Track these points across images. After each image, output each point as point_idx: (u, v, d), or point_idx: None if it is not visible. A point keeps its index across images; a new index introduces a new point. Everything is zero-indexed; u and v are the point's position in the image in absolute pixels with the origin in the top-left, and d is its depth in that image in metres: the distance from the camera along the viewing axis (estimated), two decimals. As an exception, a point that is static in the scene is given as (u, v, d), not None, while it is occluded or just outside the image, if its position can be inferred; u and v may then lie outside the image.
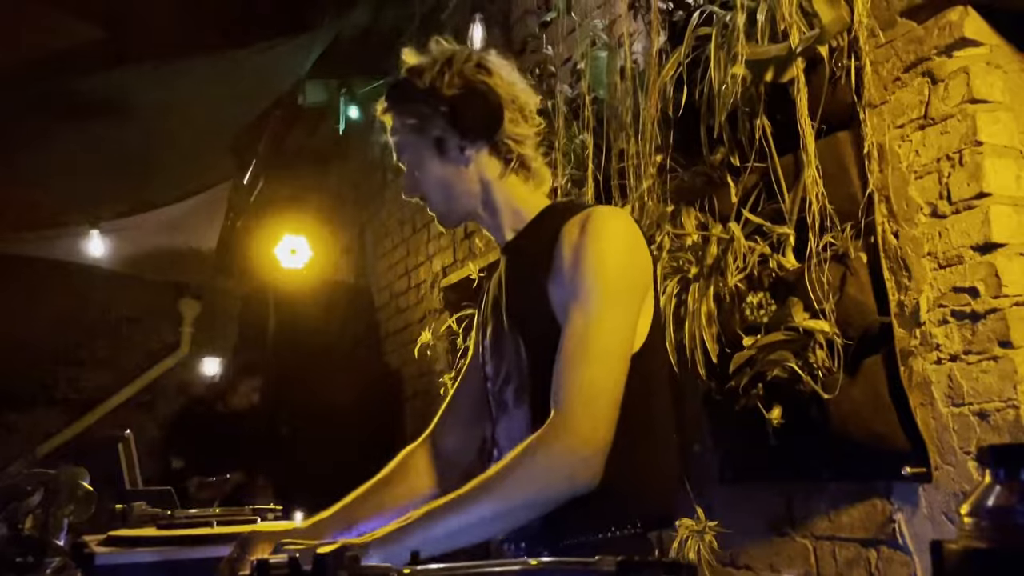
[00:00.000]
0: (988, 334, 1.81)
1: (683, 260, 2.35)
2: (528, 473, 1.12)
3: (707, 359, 2.27)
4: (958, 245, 1.87)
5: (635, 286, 1.24)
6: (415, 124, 1.34)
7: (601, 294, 1.19)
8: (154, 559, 1.43)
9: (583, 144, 2.76)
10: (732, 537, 2.34)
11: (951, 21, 1.90)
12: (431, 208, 1.39)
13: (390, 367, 5.07)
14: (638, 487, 1.25)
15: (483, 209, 1.38)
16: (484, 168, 1.36)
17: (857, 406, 2.00)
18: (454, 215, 1.39)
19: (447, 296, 4.33)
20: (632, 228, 1.29)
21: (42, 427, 6.19)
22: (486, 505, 1.11)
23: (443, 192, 1.36)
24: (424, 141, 1.34)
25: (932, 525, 1.91)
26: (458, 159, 1.34)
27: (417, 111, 1.34)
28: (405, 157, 1.38)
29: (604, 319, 1.18)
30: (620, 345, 1.19)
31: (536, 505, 1.13)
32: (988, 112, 1.86)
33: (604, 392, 1.14)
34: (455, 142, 1.33)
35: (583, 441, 1.11)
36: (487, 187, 1.36)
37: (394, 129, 1.38)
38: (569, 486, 1.12)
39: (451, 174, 1.35)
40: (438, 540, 1.10)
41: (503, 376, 1.34)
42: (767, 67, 2.10)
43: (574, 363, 1.15)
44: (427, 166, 1.35)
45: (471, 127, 1.32)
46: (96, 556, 1.38)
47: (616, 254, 1.24)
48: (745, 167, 2.24)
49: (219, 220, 5.70)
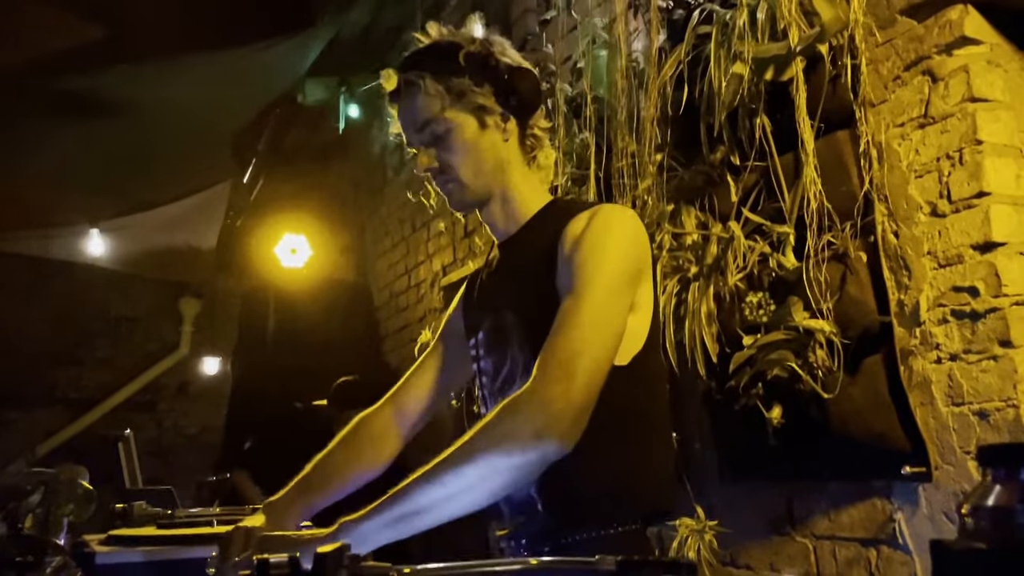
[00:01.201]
0: (988, 333, 1.81)
1: (683, 259, 2.35)
2: (497, 436, 1.08)
3: (707, 358, 2.27)
4: (958, 244, 1.87)
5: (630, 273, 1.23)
6: (460, 89, 1.28)
7: (595, 281, 1.18)
8: (154, 558, 1.42)
9: (584, 143, 2.76)
10: (732, 536, 2.34)
11: (951, 19, 1.90)
12: (451, 182, 1.32)
13: (390, 366, 5.07)
14: (636, 484, 1.25)
15: (499, 195, 1.35)
16: (513, 151, 1.34)
17: (857, 405, 2.00)
18: (477, 191, 1.33)
19: (447, 295, 4.33)
20: (636, 224, 1.28)
21: (42, 426, 6.19)
22: (458, 474, 1.07)
23: (474, 164, 1.31)
24: (463, 108, 1.29)
25: (932, 525, 1.91)
26: (497, 133, 1.31)
27: (463, 75, 1.28)
28: (432, 128, 1.30)
29: (594, 295, 1.16)
30: (608, 320, 1.16)
31: (508, 469, 1.08)
32: (988, 111, 1.86)
33: (582, 355, 1.11)
34: (497, 113, 1.31)
35: (554, 399, 1.07)
36: (509, 171, 1.34)
37: (423, 94, 1.29)
38: (536, 445, 1.06)
39: (487, 148, 1.31)
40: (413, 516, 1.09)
41: (504, 375, 1.32)
42: (767, 66, 2.10)
43: (556, 333, 1.14)
44: (461, 136, 1.29)
45: (517, 103, 1.31)
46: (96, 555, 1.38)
47: (616, 245, 1.23)
48: (745, 166, 2.24)
49: (219, 219, 5.70)
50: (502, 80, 1.30)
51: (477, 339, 1.40)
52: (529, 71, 1.32)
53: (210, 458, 5.92)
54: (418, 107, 1.30)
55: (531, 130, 1.36)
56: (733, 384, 2.18)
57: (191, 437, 6.65)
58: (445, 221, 4.33)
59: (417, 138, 1.33)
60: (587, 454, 1.12)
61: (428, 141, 1.32)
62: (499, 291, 1.36)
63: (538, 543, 1.27)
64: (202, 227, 5.65)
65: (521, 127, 1.35)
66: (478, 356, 1.40)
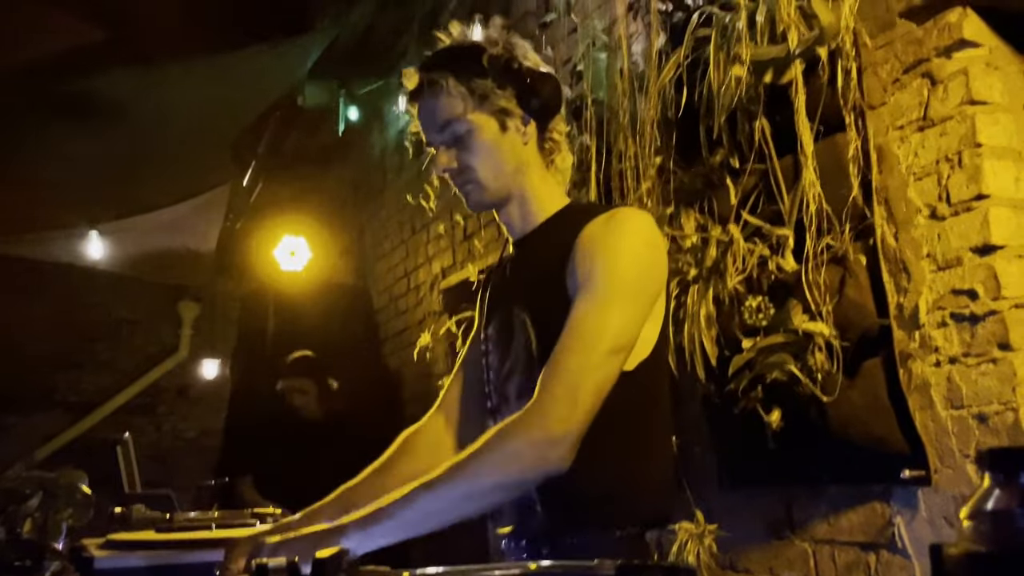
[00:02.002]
0: (987, 336, 1.81)
1: (682, 262, 2.35)
2: (500, 455, 1.12)
3: (706, 362, 2.27)
4: (957, 247, 1.87)
5: (647, 286, 1.24)
6: (482, 91, 1.31)
7: (609, 286, 1.19)
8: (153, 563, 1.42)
9: (584, 146, 2.76)
10: (731, 541, 2.34)
11: (950, 22, 1.90)
12: (470, 183, 1.34)
13: (389, 369, 5.07)
14: (635, 488, 1.27)
15: (518, 196, 1.37)
16: (532, 154, 1.36)
17: (856, 409, 2.00)
18: (495, 193, 1.35)
19: (446, 298, 4.33)
20: (654, 231, 1.29)
21: (41, 430, 6.17)
22: (458, 486, 1.11)
23: (494, 166, 1.33)
24: (485, 110, 1.31)
25: (931, 528, 1.91)
26: (517, 135, 1.34)
27: (486, 77, 1.31)
28: (451, 129, 1.32)
29: (606, 310, 1.18)
30: (616, 338, 1.17)
31: (507, 487, 1.14)
32: (987, 114, 1.86)
33: (588, 381, 1.14)
34: (518, 116, 1.33)
35: (556, 423, 1.11)
36: (528, 173, 1.36)
37: (445, 94, 1.31)
38: (539, 468, 1.12)
39: (507, 150, 1.33)
40: (415, 521, 1.11)
41: (508, 368, 1.34)
42: (766, 68, 2.11)
43: (565, 349, 1.16)
44: (481, 138, 1.31)
45: (538, 107, 1.33)
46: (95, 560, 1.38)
47: (633, 251, 1.24)
48: (744, 169, 2.24)
49: (219, 221, 5.69)
50: (524, 84, 1.32)
51: (487, 333, 1.43)
52: (551, 76, 1.35)
53: (209, 462, 5.92)
54: (440, 107, 1.32)
55: (550, 133, 1.38)
56: (732, 387, 2.18)
57: (190, 441, 6.64)
58: (445, 224, 4.33)
59: (437, 138, 1.35)
60: (587, 457, 1.14)
61: (448, 141, 1.33)
62: (512, 288, 1.38)
63: (538, 543, 1.28)
64: (202, 229, 5.65)
65: (540, 131, 1.37)
66: (487, 350, 1.42)
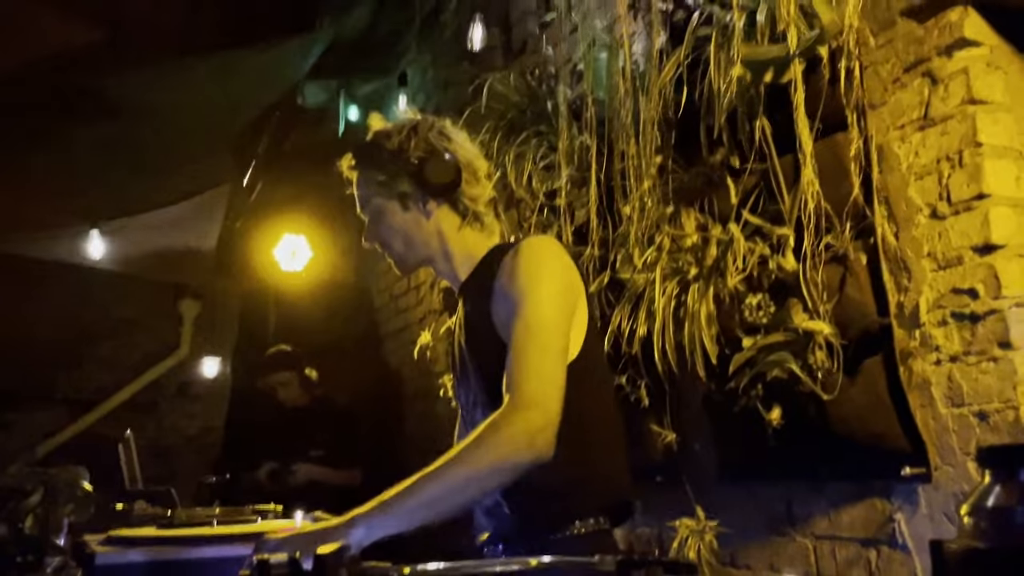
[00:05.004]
0: (988, 335, 1.81)
1: (683, 261, 2.35)
2: (494, 441, 1.24)
3: (707, 360, 2.27)
4: (958, 246, 1.87)
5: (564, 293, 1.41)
6: (383, 180, 1.53)
7: (536, 299, 1.36)
8: (154, 559, 1.42)
9: (584, 145, 2.76)
10: (732, 537, 2.34)
11: (951, 21, 1.90)
12: (390, 254, 1.58)
13: (390, 367, 5.07)
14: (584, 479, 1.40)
15: (440, 257, 1.56)
16: (442, 221, 1.54)
17: (857, 407, 2.00)
18: (411, 261, 1.58)
19: (446, 297, 4.33)
20: (558, 248, 1.47)
21: (42, 427, 6.18)
22: (459, 472, 1.23)
23: (403, 241, 1.55)
24: (389, 195, 1.53)
25: (932, 525, 1.91)
26: (419, 212, 1.53)
27: (385, 169, 1.53)
28: (369, 209, 1.56)
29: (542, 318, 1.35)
30: (558, 340, 1.35)
31: (503, 470, 1.25)
32: (988, 113, 1.86)
33: (550, 374, 1.30)
34: (418, 197, 1.52)
35: (538, 413, 1.26)
36: (444, 238, 1.55)
37: (360, 184, 1.57)
38: (530, 451, 1.24)
39: (412, 225, 1.54)
40: (419, 509, 1.21)
41: (472, 401, 1.52)
42: (767, 68, 2.11)
43: (522, 354, 1.32)
44: (390, 218, 1.54)
45: (434, 185, 1.51)
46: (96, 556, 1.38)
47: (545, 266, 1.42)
48: (745, 168, 2.24)
49: (219, 220, 5.69)
50: (417, 169, 1.51)
51: (454, 369, 1.62)
52: (440, 157, 1.51)
53: (210, 459, 5.93)
54: (358, 194, 1.59)
55: (462, 200, 1.54)
56: (733, 385, 2.18)
57: (191, 438, 6.64)
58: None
59: (364, 215, 1.59)
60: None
61: (369, 219, 1.58)
62: (459, 333, 1.56)
63: (515, 546, 1.40)
64: (202, 228, 5.64)
65: (448, 201, 1.54)
66: (456, 383, 1.60)
